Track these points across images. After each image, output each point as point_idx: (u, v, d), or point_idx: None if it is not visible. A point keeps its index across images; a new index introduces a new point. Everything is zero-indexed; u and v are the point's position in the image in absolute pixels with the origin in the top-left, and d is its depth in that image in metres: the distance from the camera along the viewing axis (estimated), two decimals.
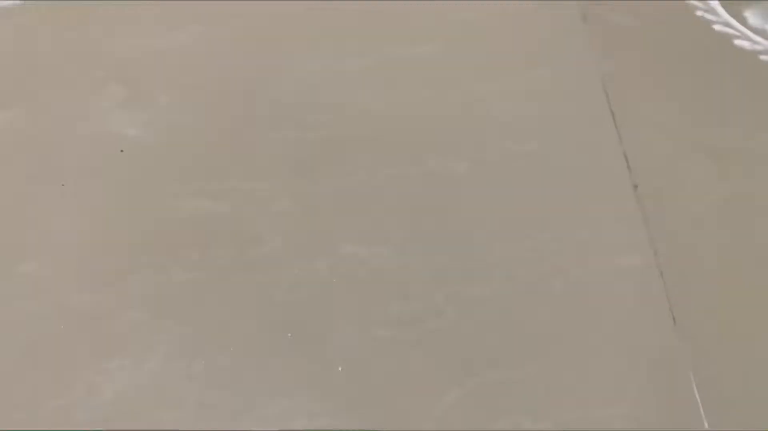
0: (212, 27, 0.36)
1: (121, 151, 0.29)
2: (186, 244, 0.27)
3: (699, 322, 0.26)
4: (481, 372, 0.25)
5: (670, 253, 0.28)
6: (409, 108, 0.33)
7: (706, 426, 0.23)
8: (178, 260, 0.26)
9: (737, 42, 0.37)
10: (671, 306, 0.26)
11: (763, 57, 0.36)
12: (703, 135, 0.33)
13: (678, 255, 0.28)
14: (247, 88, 0.33)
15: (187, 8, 0.36)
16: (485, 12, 0.38)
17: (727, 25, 0.38)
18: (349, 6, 0.36)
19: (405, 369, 0.25)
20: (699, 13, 0.39)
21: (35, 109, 0.30)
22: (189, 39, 0.35)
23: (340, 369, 0.24)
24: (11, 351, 0.24)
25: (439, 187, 0.30)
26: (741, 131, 0.33)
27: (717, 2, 0.39)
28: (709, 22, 0.38)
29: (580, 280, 0.27)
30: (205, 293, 0.26)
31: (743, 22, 0.38)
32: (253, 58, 0.34)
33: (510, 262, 0.27)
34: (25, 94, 0.31)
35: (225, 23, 0.36)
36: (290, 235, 0.28)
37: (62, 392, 0.24)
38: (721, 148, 0.33)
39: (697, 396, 0.24)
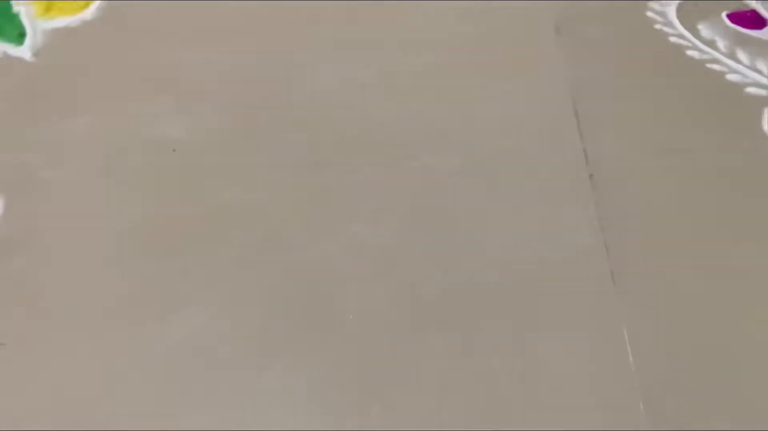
0: (238, 43, 0.42)
1: (174, 150, 0.35)
2: (224, 227, 0.34)
3: (635, 286, 0.32)
4: (460, 326, 0.31)
5: (616, 232, 0.34)
6: (407, 111, 0.39)
7: (633, 368, 0.30)
8: (219, 240, 0.33)
9: (689, 52, 0.43)
10: (612, 273, 0.33)
11: (709, 65, 0.42)
12: (654, 134, 0.39)
13: (622, 233, 0.34)
14: (270, 96, 0.40)
15: (217, 28, 0.43)
16: (473, 27, 0.44)
17: (682, 37, 0.44)
18: (352, 25, 0.43)
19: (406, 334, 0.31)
20: (657, 26, 0.45)
21: (104, 115, 0.37)
22: (219, 54, 0.42)
23: (351, 316, 0.30)
24: (97, 307, 0.31)
25: (432, 178, 0.37)
26: (687, 131, 0.40)
27: (674, 17, 0.45)
28: (666, 35, 0.44)
29: (540, 253, 0.33)
30: (242, 266, 0.33)
31: (696, 34, 0.44)
32: (274, 70, 0.41)
33: (487, 238, 0.34)
34: (95, 102, 0.38)
35: (248, 40, 0.42)
36: (308, 219, 0.34)
37: (133, 338, 0.30)
38: (669, 145, 0.39)
39: (628, 348, 0.31)
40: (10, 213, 0.33)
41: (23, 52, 0.41)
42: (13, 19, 0.43)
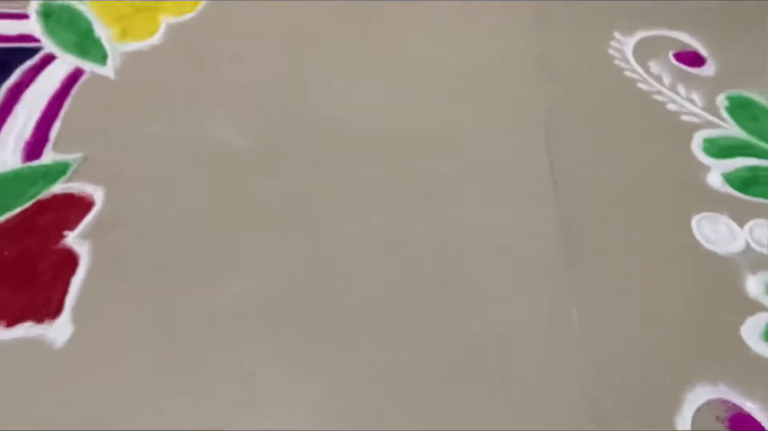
0: (275, 65, 0.52)
1: (224, 154, 0.46)
2: (267, 211, 0.44)
3: (585, 267, 0.42)
4: (437, 293, 0.41)
5: (573, 226, 0.44)
6: (408, 126, 0.49)
7: (576, 328, 0.40)
8: (262, 221, 0.43)
9: (639, 85, 0.53)
10: (567, 257, 0.43)
11: (654, 96, 0.53)
12: (608, 149, 0.50)
13: (578, 225, 0.44)
14: (302, 111, 0.50)
15: (259, 52, 0.53)
16: (464, 59, 0.54)
17: (634, 72, 0.54)
18: (355, 54, 0.53)
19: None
20: (616, 62, 0.55)
21: (174, 123, 0.47)
22: (262, 73, 0.52)
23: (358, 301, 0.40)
24: (169, 270, 0.41)
25: (426, 179, 0.47)
26: (634, 148, 0.50)
27: (630, 55, 0.56)
28: (623, 69, 0.55)
29: (504, 241, 0.43)
30: (281, 241, 0.43)
31: (647, 70, 0.55)
32: (303, 89, 0.51)
33: (464, 227, 0.44)
34: (167, 113, 0.48)
35: (281, 63, 0.53)
36: (330, 206, 0.44)
37: (196, 296, 0.40)
38: (619, 158, 0.49)
39: (575, 319, 0.41)
40: (108, 200, 0.43)
41: (107, 71, 0.51)
42: (96, 43, 0.53)
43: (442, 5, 0.57)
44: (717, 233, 0.44)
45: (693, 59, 0.56)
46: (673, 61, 0.55)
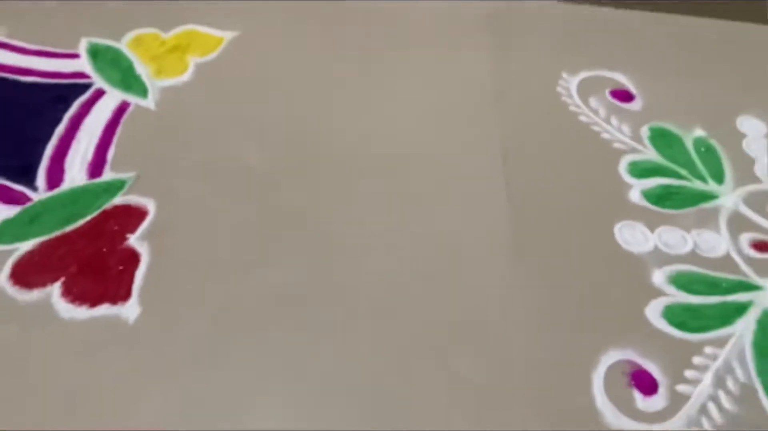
0: (289, 101, 0.64)
1: (249, 172, 0.57)
2: (286, 219, 0.56)
3: (531, 256, 0.55)
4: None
5: (522, 230, 0.57)
6: (390, 150, 0.61)
7: (522, 306, 0.52)
8: (282, 226, 0.55)
9: (581, 117, 0.66)
10: (515, 247, 0.55)
11: (592, 127, 0.65)
12: (553, 170, 0.62)
13: (526, 232, 0.57)
14: (306, 136, 0.62)
15: (278, 88, 0.65)
16: (437, 96, 0.67)
17: (577, 106, 0.67)
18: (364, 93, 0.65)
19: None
20: (563, 98, 0.68)
21: (208, 149, 0.59)
22: (280, 107, 0.63)
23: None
24: (209, 264, 0.53)
25: (405, 194, 0.59)
26: (573, 169, 0.62)
27: (575, 92, 0.68)
28: (568, 104, 0.67)
29: (466, 243, 0.56)
30: (298, 242, 0.55)
31: (587, 105, 0.68)
32: (307, 119, 0.63)
33: (433, 233, 0.56)
34: (202, 140, 0.59)
35: (296, 100, 0.64)
36: (331, 214, 0.56)
37: (233, 277, 0.52)
38: (563, 177, 0.62)
39: (521, 300, 0.53)
40: (158, 209, 0.54)
41: (148, 103, 0.62)
42: (138, 79, 0.64)
43: (419, 53, 0.70)
44: (633, 237, 0.57)
45: (624, 96, 0.69)
46: (609, 98, 0.68)
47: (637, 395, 0.48)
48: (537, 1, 0.79)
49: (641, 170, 0.62)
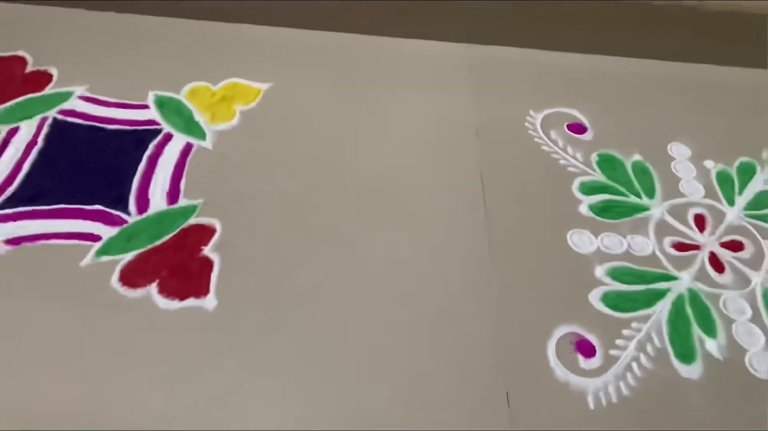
0: (312, 139, 0.82)
1: (289, 196, 0.75)
2: (315, 230, 0.73)
3: (504, 257, 0.72)
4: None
5: (497, 236, 0.74)
6: (389, 178, 0.79)
7: (496, 294, 0.70)
8: (313, 237, 0.73)
9: (543, 147, 0.84)
10: (489, 244, 0.73)
11: (552, 155, 0.83)
12: (522, 189, 0.80)
13: (500, 238, 0.74)
14: (328, 167, 0.79)
15: (307, 133, 0.82)
16: (427, 134, 0.84)
17: (541, 138, 0.85)
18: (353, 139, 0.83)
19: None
20: (530, 131, 0.86)
21: (255, 178, 0.77)
22: (311, 144, 0.81)
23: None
24: (259, 263, 0.70)
25: (399, 209, 0.77)
26: (532, 189, 0.80)
27: (539, 126, 0.86)
28: (533, 137, 0.85)
29: (450, 247, 0.73)
30: (326, 249, 0.72)
31: (549, 137, 0.86)
32: (328, 153, 0.81)
33: (420, 240, 0.74)
34: (249, 173, 0.77)
35: (317, 136, 0.82)
36: (349, 222, 0.74)
37: (281, 277, 0.69)
38: (530, 194, 0.79)
39: (496, 290, 0.71)
40: (224, 228, 0.72)
41: (207, 144, 0.80)
42: (197, 125, 0.82)
43: (414, 94, 0.88)
44: (581, 241, 0.75)
45: (578, 129, 0.87)
46: (566, 130, 0.86)
47: (580, 357, 0.66)
48: (511, 47, 0.97)
49: (589, 188, 0.80)
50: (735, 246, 0.77)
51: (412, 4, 0.98)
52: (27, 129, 0.79)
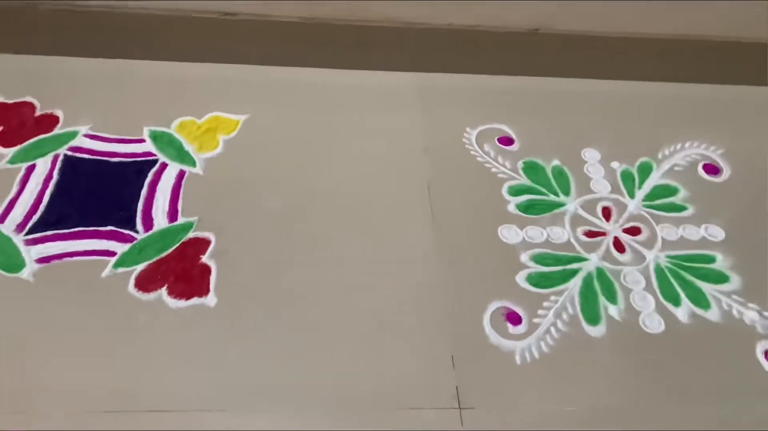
0: (288, 161, 0.98)
1: (271, 211, 0.91)
2: (296, 238, 0.89)
3: (449, 255, 0.89)
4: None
5: (443, 235, 0.91)
6: (352, 191, 0.96)
7: (442, 280, 0.87)
8: (294, 243, 0.89)
9: (478, 158, 1.01)
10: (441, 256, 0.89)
11: (485, 164, 1.01)
12: (462, 195, 0.97)
13: (445, 235, 0.91)
14: (304, 185, 0.96)
15: (289, 161, 0.98)
16: (381, 151, 1.01)
17: (476, 150, 1.02)
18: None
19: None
20: (467, 146, 1.03)
21: (242, 198, 0.92)
22: (280, 167, 0.97)
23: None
24: (259, 262, 0.86)
25: (363, 219, 0.93)
26: (468, 195, 0.97)
27: (474, 141, 1.04)
28: (470, 150, 1.03)
29: (403, 250, 0.90)
30: (307, 253, 0.88)
31: (482, 149, 1.03)
32: (303, 173, 0.97)
33: (380, 231, 0.90)
34: (237, 193, 0.93)
35: (292, 157, 0.98)
36: (323, 230, 0.90)
37: (271, 277, 0.85)
38: (468, 198, 0.97)
39: (441, 278, 0.87)
40: (217, 240, 0.88)
41: (198, 170, 0.95)
42: (188, 154, 0.97)
43: (370, 118, 1.04)
44: (509, 234, 0.92)
45: (507, 141, 1.04)
46: (497, 143, 1.04)
47: (509, 325, 0.83)
48: (451, 74, 1.14)
49: (516, 191, 0.98)
50: (634, 231, 0.95)
51: (367, 41, 1.15)
52: (43, 165, 0.94)
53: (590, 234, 0.94)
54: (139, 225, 0.88)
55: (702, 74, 1.17)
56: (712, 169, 1.05)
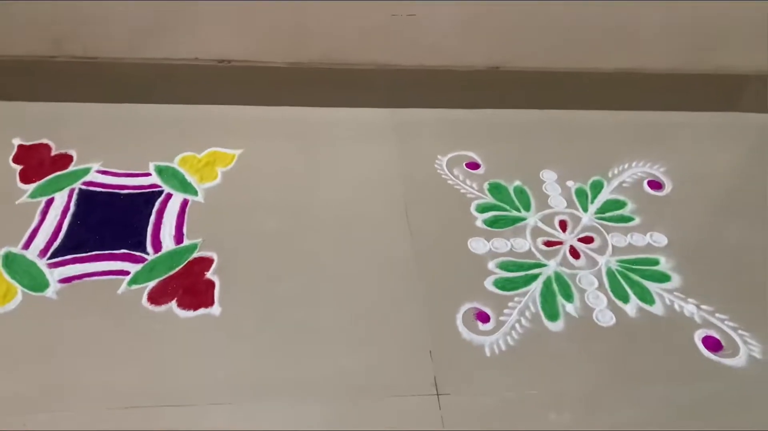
0: (280, 187, 1.10)
1: (269, 232, 1.03)
2: (295, 253, 1.01)
3: (426, 265, 1.01)
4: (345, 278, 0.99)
5: (419, 246, 1.03)
6: (341, 210, 1.08)
7: (419, 285, 0.98)
8: (291, 257, 1.00)
9: (448, 181, 1.14)
10: (418, 272, 1.01)
11: (455, 186, 1.14)
12: (435, 213, 1.09)
13: (421, 247, 1.03)
14: (298, 206, 1.08)
15: (284, 188, 1.11)
16: (362, 177, 1.14)
17: (445, 173, 1.16)
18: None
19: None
20: (438, 170, 1.16)
21: (241, 221, 1.04)
22: (274, 193, 1.09)
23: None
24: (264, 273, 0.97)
25: (344, 230, 1.05)
26: (445, 211, 1.10)
27: (444, 166, 1.17)
28: (441, 174, 1.16)
29: (384, 257, 1.02)
30: (301, 265, 1.00)
31: (452, 172, 1.16)
32: (297, 196, 1.09)
33: (365, 244, 1.02)
34: (236, 216, 1.04)
35: (283, 184, 1.11)
36: (315, 246, 1.02)
37: (267, 287, 0.96)
38: (440, 216, 1.09)
39: (418, 281, 0.99)
40: (219, 258, 0.99)
41: (199, 199, 1.07)
42: (190, 185, 1.09)
43: (351, 149, 1.17)
44: (478, 245, 1.05)
45: (474, 166, 1.18)
46: (465, 168, 1.17)
47: (479, 323, 0.94)
48: (423, 108, 1.28)
49: (483, 208, 1.11)
50: (587, 240, 1.08)
51: (347, 82, 1.29)
52: (60, 198, 1.05)
53: (549, 243, 1.07)
54: (149, 248, 0.99)
55: (645, 103, 1.33)
56: (656, 185, 1.19)
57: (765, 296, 1.01)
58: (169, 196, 1.07)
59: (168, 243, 1.00)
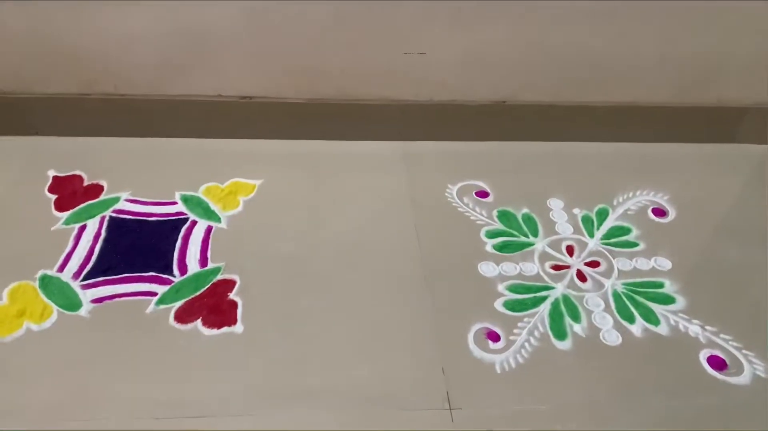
0: (293, 216, 1.16)
1: (286, 256, 1.08)
2: (306, 274, 1.06)
3: (435, 283, 1.06)
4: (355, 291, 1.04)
5: (429, 265, 1.08)
6: (350, 236, 1.13)
7: (431, 303, 1.02)
8: (302, 277, 1.05)
9: (459, 209, 1.20)
10: (426, 279, 1.06)
11: (464, 213, 1.19)
12: (445, 236, 1.14)
13: (430, 265, 1.08)
14: (310, 233, 1.13)
15: (301, 212, 1.17)
16: (372, 202, 1.19)
17: (455, 200, 1.21)
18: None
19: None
20: (449, 198, 1.22)
21: (260, 245, 1.09)
22: (289, 220, 1.15)
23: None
24: (276, 291, 1.02)
25: (356, 251, 1.10)
26: (457, 236, 1.15)
27: (455, 193, 1.22)
28: (451, 201, 1.21)
29: (396, 275, 1.06)
30: (312, 284, 1.05)
31: (461, 200, 1.21)
32: (308, 223, 1.15)
33: (376, 266, 1.07)
34: (255, 242, 1.10)
35: (296, 212, 1.17)
36: (329, 267, 1.07)
37: (286, 306, 1.01)
38: (449, 240, 1.14)
39: (430, 296, 1.03)
40: (241, 280, 1.04)
41: (223, 226, 1.13)
42: (214, 213, 1.15)
43: (363, 177, 1.23)
44: (488, 269, 1.09)
45: (483, 194, 1.23)
46: (474, 196, 1.23)
47: (490, 342, 0.98)
48: (435, 141, 1.34)
49: (492, 234, 1.16)
50: (594, 264, 1.12)
51: (360, 117, 1.36)
52: (92, 225, 1.11)
53: (556, 267, 1.11)
54: (175, 270, 1.05)
55: (648, 135, 1.38)
56: (660, 212, 1.23)
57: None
58: (194, 222, 1.13)
59: (193, 266, 1.05)
